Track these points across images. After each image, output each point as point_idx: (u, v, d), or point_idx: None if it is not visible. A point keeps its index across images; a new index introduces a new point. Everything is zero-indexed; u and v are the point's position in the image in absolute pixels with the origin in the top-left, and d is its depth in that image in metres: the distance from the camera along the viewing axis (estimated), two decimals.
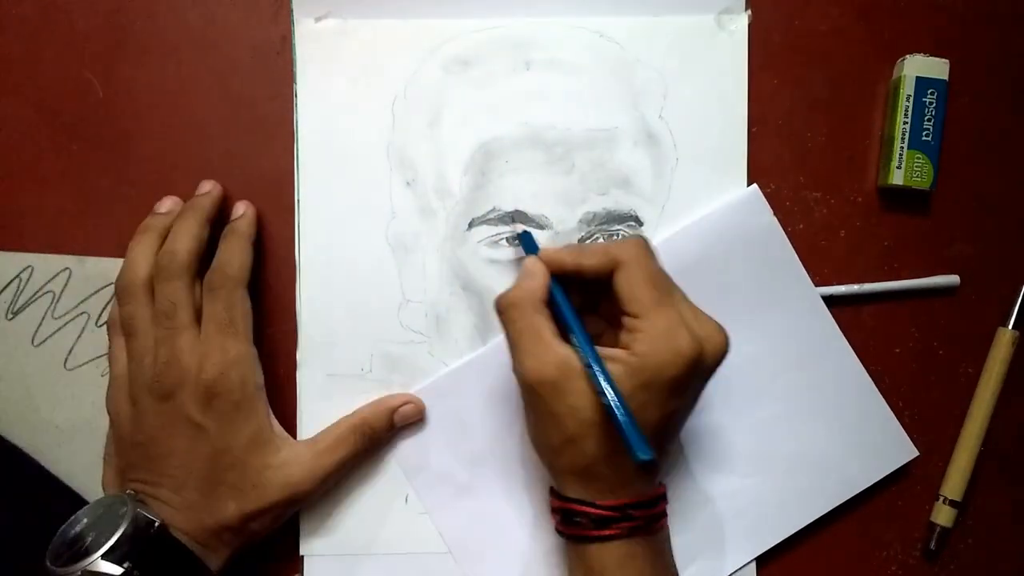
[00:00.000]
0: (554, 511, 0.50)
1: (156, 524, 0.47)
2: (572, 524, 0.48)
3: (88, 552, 0.44)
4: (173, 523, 0.48)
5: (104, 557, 0.44)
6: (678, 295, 0.47)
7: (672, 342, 0.44)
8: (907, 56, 0.55)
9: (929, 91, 0.55)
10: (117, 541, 0.45)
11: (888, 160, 0.55)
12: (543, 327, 0.47)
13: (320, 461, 0.51)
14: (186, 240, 0.51)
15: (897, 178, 0.55)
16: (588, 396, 0.45)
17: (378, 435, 0.53)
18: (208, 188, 0.54)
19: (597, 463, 0.46)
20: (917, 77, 0.55)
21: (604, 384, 0.44)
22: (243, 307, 0.51)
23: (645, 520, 0.47)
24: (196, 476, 0.49)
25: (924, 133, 0.55)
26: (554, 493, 0.49)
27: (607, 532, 0.47)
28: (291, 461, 0.50)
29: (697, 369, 0.45)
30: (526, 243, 0.53)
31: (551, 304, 0.48)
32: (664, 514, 0.50)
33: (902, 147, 0.55)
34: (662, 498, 0.49)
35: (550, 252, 0.49)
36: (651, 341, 0.45)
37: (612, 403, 0.43)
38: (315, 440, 0.52)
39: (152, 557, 0.46)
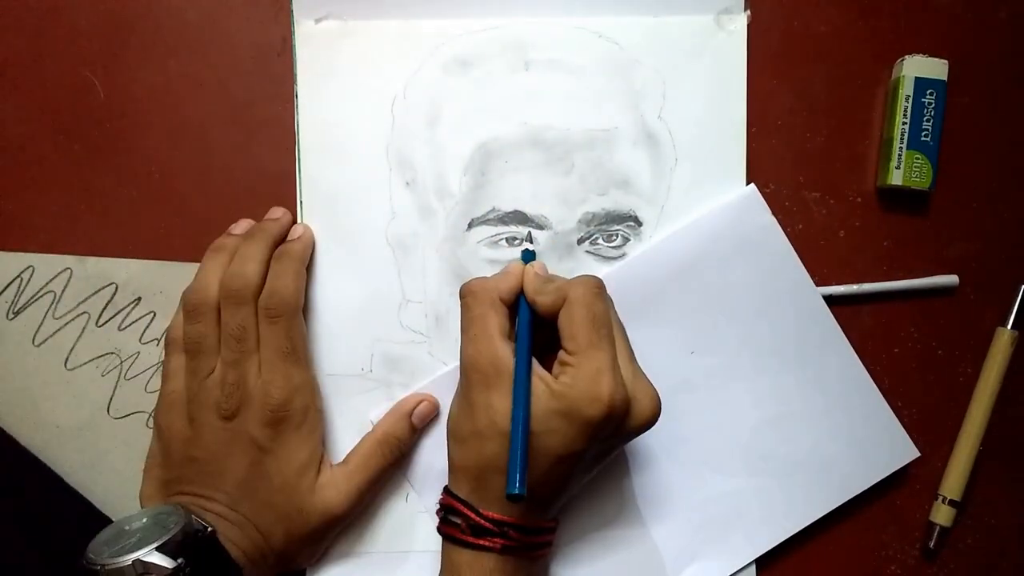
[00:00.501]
0: (439, 508, 0.50)
1: (208, 530, 0.47)
2: (449, 524, 0.49)
3: (137, 548, 0.44)
4: (229, 536, 0.48)
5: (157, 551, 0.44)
6: (622, 347, 0.48)
7: (596, 385, 0.45)
8: (906, 56, 0.55)
9: (928, 91, 0.55)
10: (168, 540, 0.44)
11: (887, 160, 0.55)
12: (492, 322, 0.48)
13: (353, 482, 0.52)
14: (255, 265, 0.51)
15: (896, 178, 0.55)
16: (507, 402, 0.46)
17: (402, 443, 0.54)
18: (279, 215, 0.54)
19: (491, 470, 0.47)
20: (916, 77, 0.55)
21: (516, 399, 0.45)
22: (301, 333, 0.52)
23: (522, 544, 0.48)
24: (250, 495, 0.50)
25: (923, 133, 0.55)
26: (446, 490, 0.50)
27: (480, 542, 0.47)
28: (327, 484, 0.51)
29: (615, 420, 0.46)
30: (525, 258, 0.53)
31: (514, 310, 0.50)
32: (546, 546, 0.51)
33: (901, 147, 0.55)
34: (549, 531, 0.50)
35: (529, 272, 0.51)
36: (576, 378, 0.46)
37: (514, 421, 0.44)
38: (346, 461, 0.53)
39: (202, 560, 0.46)
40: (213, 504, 0.49)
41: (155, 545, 0.44)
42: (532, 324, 0.49)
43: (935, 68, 0.55)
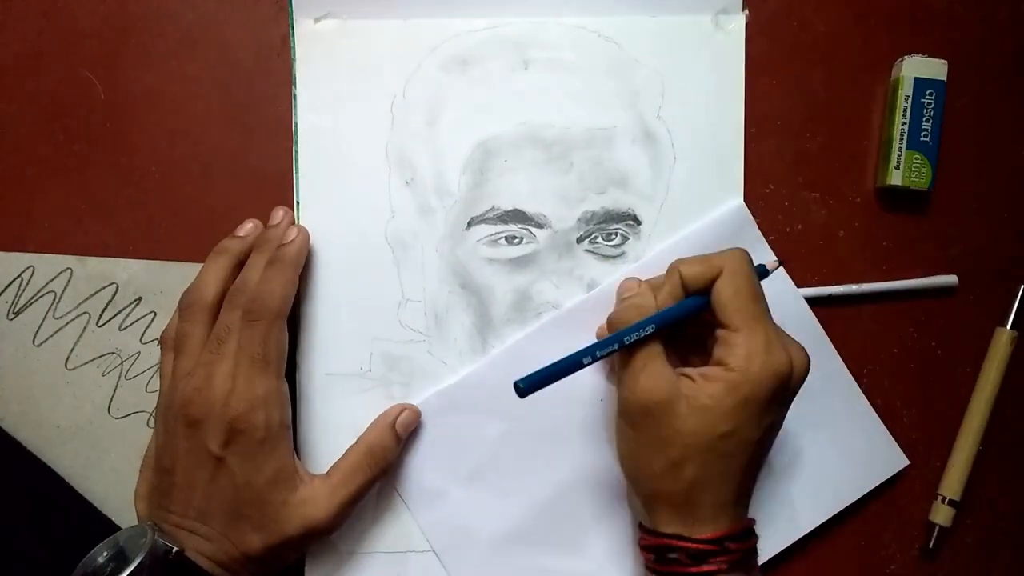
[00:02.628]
0: (646, 549, 0.49)
1: (173, 551, 0.47)
2: (667, 561, 0.47)
3: None
4: (202, 551, 0.48)
5: None
6: (768, 312, 0.47)
7: (771, 357, 0.45)
8: (905, 57, 0.55)
9: (927, 92, 0.55)
10: (135, 570, 0.44)
11: (887, 161, 0.55)
12: (657, 348, 0.47)
13: (336, 497, 0.51)
14: (258, 274, 0.51)
15: (896, 178, 0.55)
16: (692, 419, 0.45)
17: (387, 454, 0.53)
18: (280, 216, 0.54)
19: (696, 489, 0.46)
20: (915, 78, 0.55)
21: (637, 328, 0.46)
22: (278, 342, 0.50)
23: (742, 554, 0.46)
24: (219, 510, 0.49)
25: (923, 133, 0.55)
26: (645, 530, 0.49)
27: (705, 568, 0.46)
28: (308, 499, 0.50)
29: (787, 388, 0.46)
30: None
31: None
32: (756, 550, 0.49)
33: (900, 148, 0.55)
34: (753, 531, 0.48)
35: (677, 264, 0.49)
36: (750, 356, 0.45)
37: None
38: (329, 475, 0.52)
39: None
40: (185, 520, 0.49)
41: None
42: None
43: (934, 68, 0.55)
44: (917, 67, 0.55)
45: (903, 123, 0.55)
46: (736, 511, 0.47)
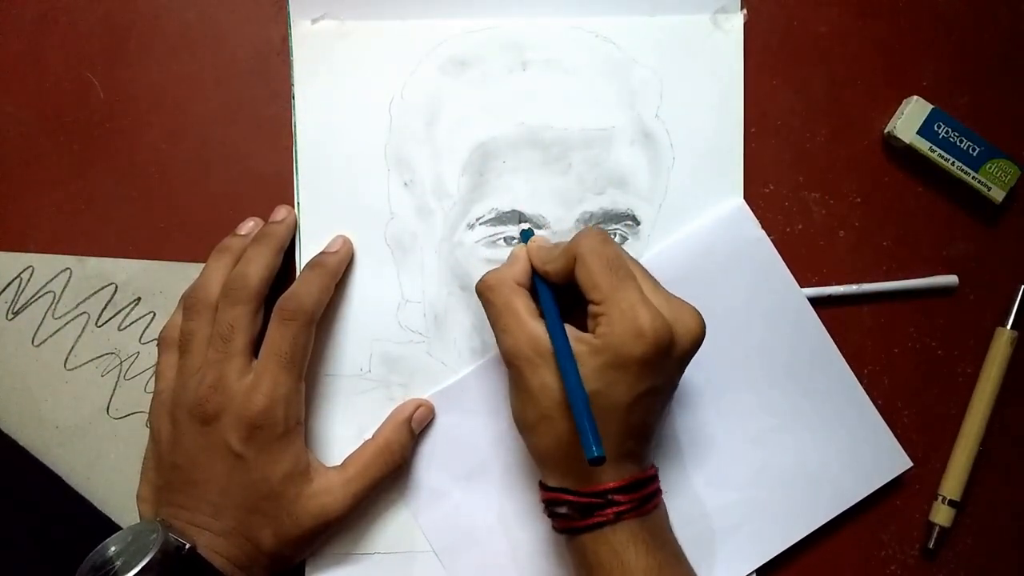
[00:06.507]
0: (544, 507, 0.50)
1: (186, 547, 0.47)
2: (558, 516, 0.48)
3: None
4: (213, 548, 0.48)
5: None
6: (644, 279, 0.47)
7: (632, 321, 0.44)
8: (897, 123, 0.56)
9: (936, 125, 0.55)
10: (147, 565, 0.44)
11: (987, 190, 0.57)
12: (519, 305, 0.48)
13: (350, 488, 0.51)
14: (258, 267, 0.51)
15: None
16: (559, 377, 0.46)
17: (403, 451, 0.53)
18: (283, 215, 0.54)
19: (572, 447, 0.46)
20: (918, 133, 0.55)
21: (564, 368, 0.45)
22: (306, 344, 0.50)
23: (632, 503, 0.46)
24: (234, 504, 0.49)
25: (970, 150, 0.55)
26: (542, 485, 0.50)
27: (592, 520, 0.46)
28: (323, 490, 0.51)
29: (663, 348, 0.45)
30: (525, 239, 0.53)
31: (533, 291, 0.49)
32: (655, 495, 0.49)
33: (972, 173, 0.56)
34: (651, 479, 0.49)
35: (532, 247, 0.51)
36: (611, 322, 0.45)
37: (569, 389, 0.44)
38: (344, 467, 0.52)
39: None
40: (197, 516, 0.49)
41: (134, 572, 0.44)
42: (554, 296, 0.49)
43: (922, 110, 0.55)
44: (912, 121, 0.55)
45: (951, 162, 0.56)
46: (621, 465, 0.47)
